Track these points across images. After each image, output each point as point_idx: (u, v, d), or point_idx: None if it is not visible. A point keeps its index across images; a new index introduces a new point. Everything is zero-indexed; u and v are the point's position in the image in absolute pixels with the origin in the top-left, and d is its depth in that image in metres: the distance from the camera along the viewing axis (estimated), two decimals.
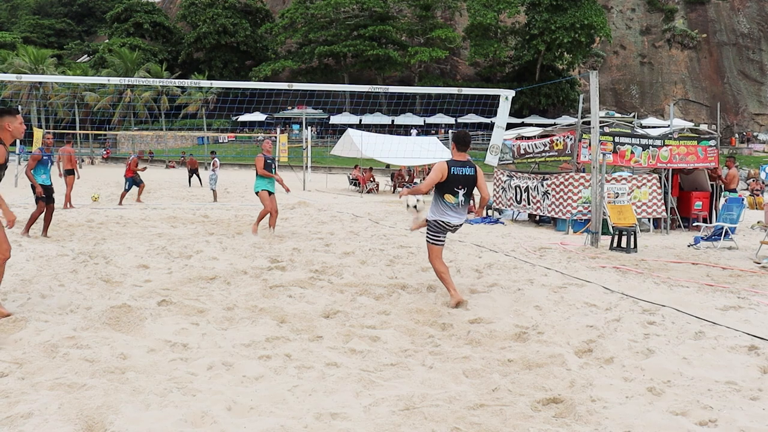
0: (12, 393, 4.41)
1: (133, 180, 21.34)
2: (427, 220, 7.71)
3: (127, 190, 21.23)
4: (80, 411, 4.13)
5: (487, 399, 4.54)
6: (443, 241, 7.66)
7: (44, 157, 13.00)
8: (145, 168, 22.79)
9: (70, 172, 19.01)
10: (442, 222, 7.53)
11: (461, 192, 7.49)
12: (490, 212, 19.34)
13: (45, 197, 12.60)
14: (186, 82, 13.01)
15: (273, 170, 13.20)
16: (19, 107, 37.03)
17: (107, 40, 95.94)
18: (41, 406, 4.17)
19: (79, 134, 66.71)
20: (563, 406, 4.45)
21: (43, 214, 12.62)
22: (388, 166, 36.98)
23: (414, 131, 62.18)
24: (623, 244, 12.78)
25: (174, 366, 5.07)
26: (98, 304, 6.82)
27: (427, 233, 7.65)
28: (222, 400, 4.37)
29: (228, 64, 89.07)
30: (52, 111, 71.18)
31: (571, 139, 16.57)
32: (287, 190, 14.17)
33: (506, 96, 13.09)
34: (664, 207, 16.52)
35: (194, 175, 32.50)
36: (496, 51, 75.78)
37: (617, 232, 12.99)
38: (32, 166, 12.91)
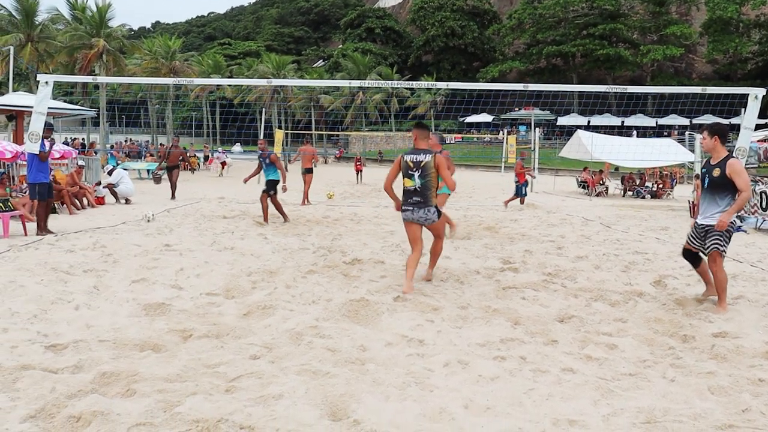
0: (264, 375, 4.72)
1: (524, 186, 20.42)
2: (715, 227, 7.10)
3: (518, 196, 20.46)
4: (325, 397, 4.32)
5: (736, 420, 4.19)
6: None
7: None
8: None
9: (308, 171, 19.98)
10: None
11: None
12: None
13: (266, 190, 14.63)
14: (423, 84, 13.34)
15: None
16: (263, 110, 39.53)
17: (341, 46, 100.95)
18: (290, 389, 4.41)
19: (314, 134, 70.48)
20: None
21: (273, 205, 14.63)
22: (617, 168, 35.67)
23: (634, 133, 57.92)
24: None
25: (411, 361, 5.17)
26: (338, 297, 7.14)
27: (723, 241, 7.08)
28: (459, 398, 4.40)
29: (456, 66, 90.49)
30: (290, 113, 75.65)
31: None
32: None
33: (756, 95, 12.24)
34: None
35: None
36: (738, 46, 70.79)
37: None
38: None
